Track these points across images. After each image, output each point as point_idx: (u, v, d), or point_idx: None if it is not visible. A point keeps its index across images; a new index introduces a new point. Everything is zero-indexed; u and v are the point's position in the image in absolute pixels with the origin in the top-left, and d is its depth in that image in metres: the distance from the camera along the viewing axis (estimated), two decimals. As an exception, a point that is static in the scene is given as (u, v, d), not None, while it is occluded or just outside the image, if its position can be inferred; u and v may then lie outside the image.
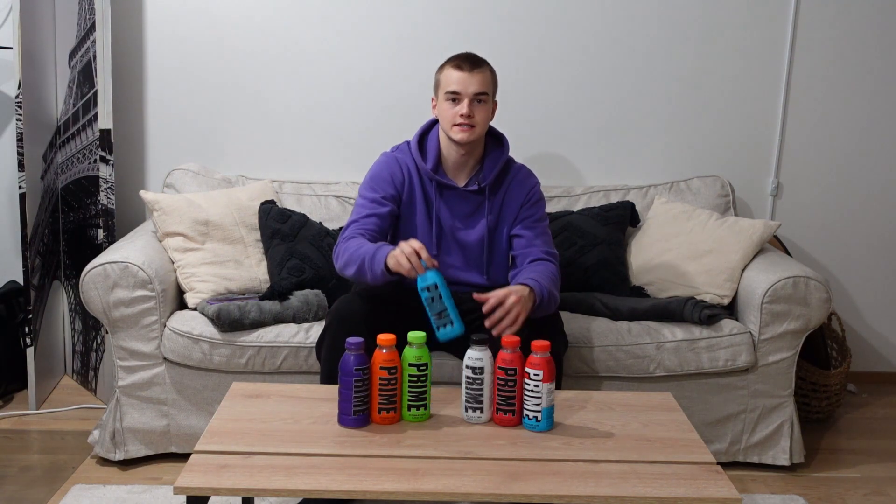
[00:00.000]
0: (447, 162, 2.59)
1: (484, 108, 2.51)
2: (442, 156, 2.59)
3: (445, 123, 2.52)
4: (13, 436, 2.92)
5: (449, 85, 2.49)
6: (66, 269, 3.34)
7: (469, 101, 2.47)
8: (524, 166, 2.67)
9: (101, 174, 3.01)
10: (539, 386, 1.98)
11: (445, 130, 2.53)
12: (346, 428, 2.00)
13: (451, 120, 2.49)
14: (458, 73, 2.48)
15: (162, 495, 2.52)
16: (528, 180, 2.63)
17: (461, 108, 2.47)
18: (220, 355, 2.65)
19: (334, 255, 2.47)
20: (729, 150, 3.43)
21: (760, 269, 2.84)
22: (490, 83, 2.53)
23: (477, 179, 2.58)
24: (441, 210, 2.58)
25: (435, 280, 2.12)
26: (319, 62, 3.33)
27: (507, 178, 2.61)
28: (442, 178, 2.57)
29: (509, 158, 2.63)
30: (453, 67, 2.50)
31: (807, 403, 3.12)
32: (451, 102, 2.49)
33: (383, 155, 2.64)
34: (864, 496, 2.69)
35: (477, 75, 2.49)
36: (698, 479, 1.82)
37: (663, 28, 3.34)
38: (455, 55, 2.54)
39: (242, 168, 3.35)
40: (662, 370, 2.72)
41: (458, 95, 2.48)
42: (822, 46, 3.37)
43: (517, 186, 2.60)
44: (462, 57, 2.52)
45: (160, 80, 3.32)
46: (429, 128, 2.64)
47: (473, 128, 2.49)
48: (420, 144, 2.61)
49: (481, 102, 2.50)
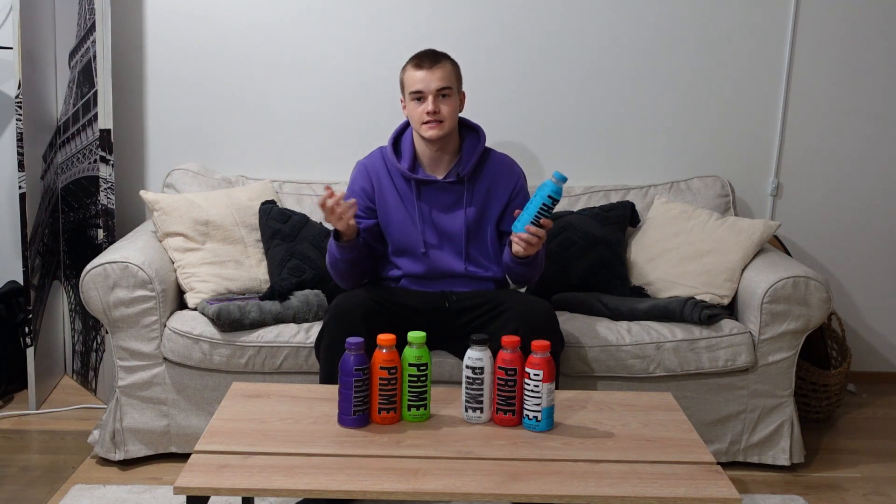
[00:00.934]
0: (423, 159, 2.63)
1: (449, 102, 2.55)
2: (417, 154, 2.63)
3: (415, 123, 2.57)
4: (13, 436, 2.92)
5: (412, 85, 2.54)
6: (66, 269, 3.34)
7: (433, 97, 2.52)
8: (505, 155, 2.71)
9: (101, 174, 3.01)
10: (539, 386, 1.98)
11: (416, 129, 2.58)
12: (346, 428, 2.00)
13: (419, 119, 2.54)
14: (419, 72, 2.53)
15: (162, 495, 2.52)
16: (511, 174, 2.67)
17: (426, 105, 2.52)
18: (220, 355, 2.65)
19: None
20: (729, 150, 3.43)
21: (760, 269, 2.84)
22: (452, 76, 2.57)
23: (456, 171, 2.61)
24: (422, 205, 2.61)
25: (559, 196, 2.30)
26: (320, 62, 3.33)
27: (487, 167, 2.65)
28: (420, 175, 2.61)
29: (487, 148, 2.67)
30: (414, 67, 2.55)
31: (807, 403, 3.12)
32: (417, 102, 2.55)
33: (357, 165, 2.71)
34: (864, 496, 2.69)
35: (437, 71, 2.53)
36: (698, 479, 1.82)
37: (664, 28, 3.34)
38: (415, 54, 2.59)
39: (242, 168, 3.35)
40: (662, 370, 2.72)
41: (422, 94, 2.53)
42: (822, 46, 3.37)
43: (501, 180, 2.64)
44: (421, 55, 2.56)
45: (160, 80, 3.32)
46: (402, 129, 2.69)
47: (442, 122, 2.53)
48: (396, 146, 2.66)
49: (446, 97, 2.54)
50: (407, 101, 2.58)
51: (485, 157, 2.66)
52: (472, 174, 2.62)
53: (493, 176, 2.64)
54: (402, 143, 2.67)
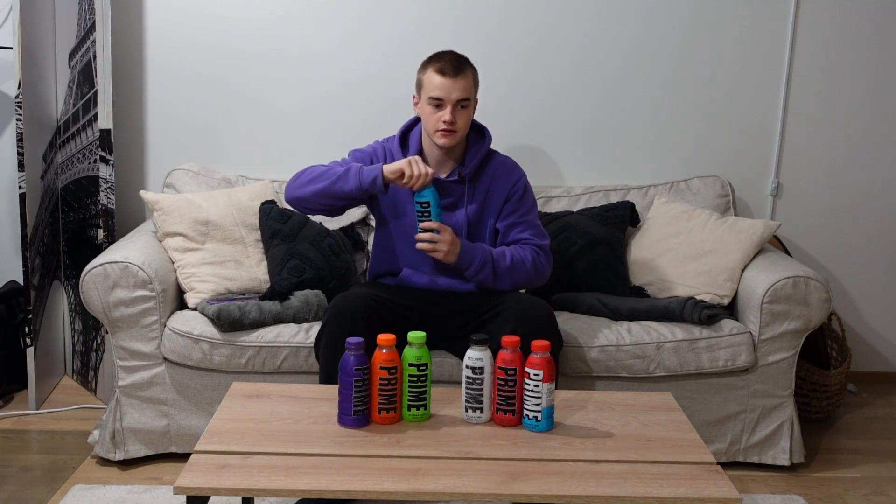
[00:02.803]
0: (429, 157, 2.63)
1: (466, 113, 2.53)
2: (424, 152, 2.63)
3: (428, 127, 2.56)
4: (13, 436, 2.92)
5: (432, 90, 2.50)
6: (66, 269, 3.34)
7: (452, 107, 2.49)
8: (508, 158, 2.70)
9: (101, 174, 3.01)
10: (539, 386, 1.98)
11: (428, 133, 2.57)
12: (346, 428, 2.00)
13: (434, 126, 2.52)
14: (441, 79, 2.49)
15: (162, 495, 2.52)
16: (512, 174, 2.66)
17: (444, 114, 2.50)
18: (220, 355, 2.65)
19: (290, 181, 2.55)
20: (729, 150, 3.43)
21: (760, 269, 2.84)
22: (473, 86, 2.55)
23: (458, 170, 2.61)
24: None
25: (429, 198, 2.40)
26: (320, 62, 3.33)
27: (490, 168, 2.64)
28: None
29: (491, 150, 2.67)
30: (437, 72, 2.50)
31: (807, 403, 3.12)
32: (435, 108, 2.52)
33: (375, 142, 2.70)
34: (864, 496, 2.69)
35: (460, 81, 2.49)
36: (698, 479, 1.82)
37: (664, 28, 3.34)
38: (438, 56, 2.55)
39: (242, 168, 3.35)
40: (662, 370, 2.72)
41: (442, 102, 2.50)
42: (822, 46, 3.37)
43: (501, 179, 2.64)
44: (446, 60, 2.51)
45: (160, 80, 3.33)
46: (412, 124, 2.68)
47: (455, 133, 2.52)
48: (403, 140, 2.66)
49: (464, 108, 2.52)
50: (422, 103, 2.55)
51: (488, 157, 2.66)
52: (473, 174, 2.62)
53: (494, 176, 2.64)
54: (410, 138, 2.66)
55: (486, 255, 2.52)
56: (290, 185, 2.56)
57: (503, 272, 2.54)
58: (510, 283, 2.57)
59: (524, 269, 2.56)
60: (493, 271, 2.53)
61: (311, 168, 2.56)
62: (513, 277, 2.56)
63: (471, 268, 2.51)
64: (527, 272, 2.57)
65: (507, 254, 2.56)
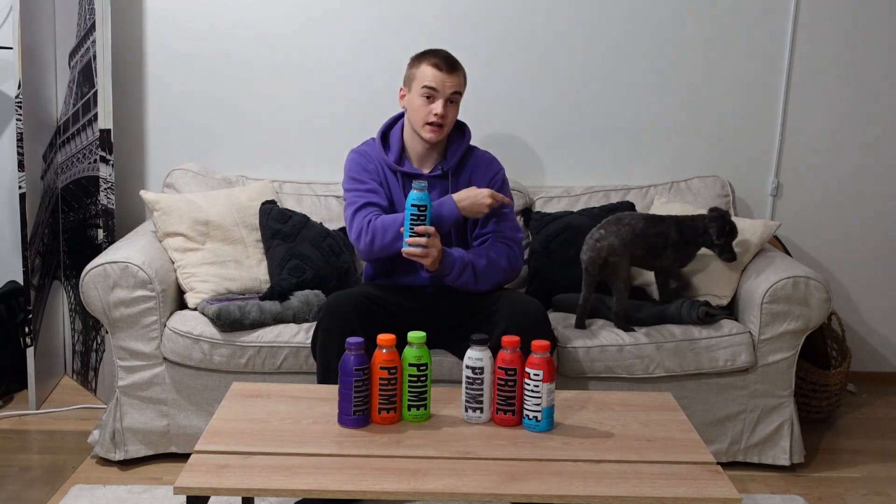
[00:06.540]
0: (411, 154, 2.67)
1: (454, 109, 2.61)
2: (406, 148, 2.67)
3: (417, 119, 2.59)
4: (13, 436, 2.92)
5: (426, 80, 2.55)
6: (66, 269, 3.34)
7: (444, 100, 2.55)
8: (487, 152, 2.76)
9: (101, 174, 3.01)
10: (539, 386, 1.98)
11: (415, 126, 2.60)
12: (346, 428, 2.00)
13: (424, 118, 2.56)
14: (437, 72, 2.56)
15: (162, 495, 2.52)
16: (491, 167, 2.72)
17: (436, 107, 2.55)
18: (220, 355, 2.65)
19: (359, 233, 2.54)
20: (729, 150, 3.43)
21: (760, 269, 2.84)
22: (463, 84, 2.63)
23: (441, 165, 2.65)
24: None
25: (426, 202, 2.38)
26: (320, 62, 3.33)
27: (470, 163, 2.69)
28: (406, 167, 2.65)
29: (471, 146, 2.73)
30: (431, 66, 2.56)
31: (807, 403, 3.12)
32: (426, 99, 2.56)
33: (351, 153, 2.71)
34: (864, 496, 2.69)
35: (455, 77, 2.58)
36: (698, 479, 1.82)
37: (664, 28, 3.34)
38: (430, 52, 2.61)
39: (242, 168, 3.35)
40: (662, 370, 2.72)
41: (435, 93, 2.55)
42: (822, 46, 3.37)
43: (480, 172, 2.69)
44: (440, 57, 2.58)
45: (160, 80, 3.32)
46: (392, 123, 2.72)
47: (443, 127, 2.58)
48: (384, 139, 2.69)
49: (453, 103, 2.60)
50: (412, 95, 2.59)
51: (469, 153, 2.71)
52: (455, 168, 2.66)
53: (474, 169, 2.69)
54: (390, 136, 2.70)
55: (465, 258, 2.54)
56: (363, 236, 2.53)
57: (482, 272, 2.56)
58: (489, 283, 2.58)
59: (499, 266, 2.59)
60: (474, 273, 2.55)
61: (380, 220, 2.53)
62: (491, 276, 2.58)
63: (452, 272, 2.51)
64: (502, 268, 2.60)
65: (482, 253, 2.59)
